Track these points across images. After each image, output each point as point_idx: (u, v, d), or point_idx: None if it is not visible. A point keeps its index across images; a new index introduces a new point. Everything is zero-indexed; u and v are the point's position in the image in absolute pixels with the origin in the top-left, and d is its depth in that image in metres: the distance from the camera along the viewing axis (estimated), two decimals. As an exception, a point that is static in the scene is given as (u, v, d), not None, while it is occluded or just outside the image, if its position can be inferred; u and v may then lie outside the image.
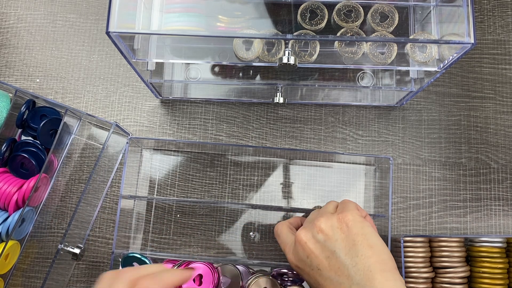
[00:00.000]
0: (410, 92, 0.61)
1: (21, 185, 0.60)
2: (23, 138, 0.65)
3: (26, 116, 0.62)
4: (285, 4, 0.55)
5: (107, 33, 0.47)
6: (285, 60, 0.51)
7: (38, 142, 0.62)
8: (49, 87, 0.69)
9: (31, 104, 0.63)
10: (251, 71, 0.67)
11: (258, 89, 0.68)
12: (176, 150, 0.67)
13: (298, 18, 0.54)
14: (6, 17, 0.71)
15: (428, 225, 0.65)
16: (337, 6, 0.54)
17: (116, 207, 0.66)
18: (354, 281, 0.46)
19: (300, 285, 0.59)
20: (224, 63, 0.56)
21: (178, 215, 0.66)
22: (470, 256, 0.60)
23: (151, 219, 0.65)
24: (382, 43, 0.55)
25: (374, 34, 0.54)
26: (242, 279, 0.59)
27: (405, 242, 0.59)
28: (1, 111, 0.62)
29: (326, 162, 0.67)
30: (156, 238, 0.65)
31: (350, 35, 0.54)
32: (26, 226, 0.60)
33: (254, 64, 0.55)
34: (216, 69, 0.67)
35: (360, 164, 0.66)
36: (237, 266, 0.60)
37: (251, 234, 0.65)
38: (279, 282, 0.59)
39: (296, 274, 0.59)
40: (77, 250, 0.60)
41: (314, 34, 0.54)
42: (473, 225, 0.66)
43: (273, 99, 0.64)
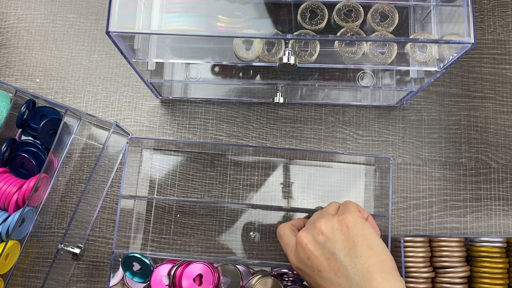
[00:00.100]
0: (410, 92, 0.61)
1: (21, 185, 0.60)
2: (23, 138, 0.64)
3: (26, 116, 0.62)
4: (285, 4, 0.55)
5: (107, 33, 0.47)
6: (285, 60, 0.51)
7: (38, 142, 0.62)
8: (49, 87, 0.69)
9: (31, 104, 0.63)
10: (251, 71, 0.67)
11: (258, 89, 0.68)
12: (176, 150, 0.67)
13: (298, 18, 0.54)
14: (6, 17, 0.71)
15: (428, 225, 0.65)
16: (337, 6, 0.54)
17: (116, 207, 0.66)
18: (353, 282, 0.46)
19: (300, 285, 0.59)
20: (224, 63, 0.56)
21: (178, 215, 0.66)
22: (470, 256, 0.60)
23: (151, 219, 0.65)
24: (382, 43, 0.55)
25: (374, 34, 0.54)
26: (242, 279, 0.59)
27: (405, 242, 0.59)
28: (1, 111, 0.62)
29: (326, 162, 0.67)
30: (156, 238, 0.65)
31: (350, 35, 0.54)
32: (26, 226, 0.60)
33: (254, 64, 0.55)
34: (216, 69, 0.67)
35: (360, 164, 0.66)
36: (237, 266, 0.60)
37: (251, 234, 0.65)
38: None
39: (296, 274, 0.59)
40: (77, 250, 0.60)
41: (314, 34, 0.54)
42: (473, 225, 0.66)
43: (273, 99, 0.64)
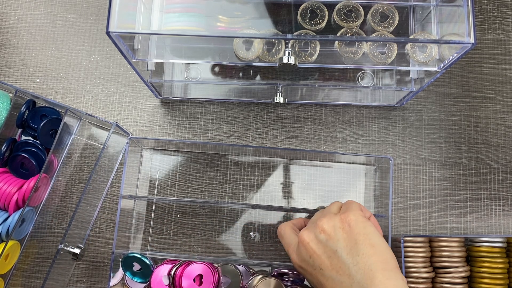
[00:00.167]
0: (410, 92, 0.61)
1: (21, 185, 0.60)
2: (23, 138, 0.64)
3: (26, 116, 0.62)
4: (285, 4, 0.55)
5: (107, 33, 0.47)
6: (285, 60, 0.51)
7: (38, 142, 0.62)
8: (49, 87, 0.69)
9: (31, 104, 0.63)
10: (251, 71, 0.67)
11: (258, 89, 0.68)
12: (176, 150, 0.67)
13: (298, 18, 0.54)
14: (6, 17, 0.71)
15: (428, 225, 0.65)
16: (337, 6, 0.54)
17: (116, 207, 0.66)
18: (355, 280, 0.46)
19: (300, 285, 0.59)
20: (224, 63, 0.56)
21: (178, 215, 0.66)
22: (470, 256, 0.60)
23: (151, 219, 0.65)
24: (382, 43, 0.55)
25: (374, 34, 0.54)
26: (242, 279, 0.59)
27: (405, 242, 0.59)
28: (1, 111, 0.62)
29: (326, 162, 0.67)
30: (156, 238, 0.65)
31: (350, 35, 0.54)
32: (26, 226, 0.60)
33: (254, 64, 0.55)
34: (216, 69, 0.67)
35: (360, 164, 0.66)
36: (237, 266, 0.60)
37: (251, 234, 0.65)
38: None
39: (296, 274, 0.59)
40: (77, 250, 0.60)
41: (314, 34, 0.54)
42: (473, 225, 0.66)
43: (273, 99, 0.64)
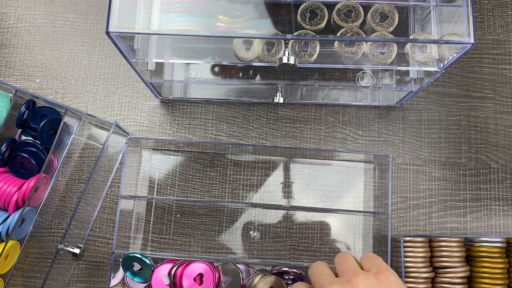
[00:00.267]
0: (410, 92, 0.61)
1: (21, 185, 0.60)
2: (23, 138, 0.64)
3: (26, 116, 0.62)
4: (285, 4, 0.55)
5: (107, 33, 0.47)
6: (285, 60, 0.51)
7: (38, 142, 0.62)
8: (49, 87, 0.69)
9: (31, 104, 0.63)
10: (251, 71, 0.67)
11: (258, 89, 0.68)
12: (176, 150, 0.67)
13: (298, 18, 0.54)
14: (6, 17, 0.71)
15: (428, 225, 0.65)
16: (337, 6, 0.54)
17: (116, 207, 0.66)
18: None
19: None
20: (224, 63, 0.56)
21: (178, 215, 0.66)
22: (470, 256, 0.60)
23: (151, 219, 0.65)
24: (382, 43, 0.55)
25: (374, 34, 0.54)
26: (242, 278, 0.59)
27: (405, 242, 0.59)
28: (1, 111, 0.62)
29: (326, 160, 0.67)
30: (156, 238, 0.65)
31: (350, 35, 0.54)
32: (26, 226, 0.60)
33: (254, 64, 0.55)
34: (216, 69, 0.67)
35: (360, 161, 0.66)
36: (237, 265, 0.60)
37: (251, 233, 0.65)
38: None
39: (296, 272, 0.59)
40: (77, 250, 0.60)
41: (314, 34, 0.54)
42: (473, 225, 0.66)
43: (273, 99, 0.64)
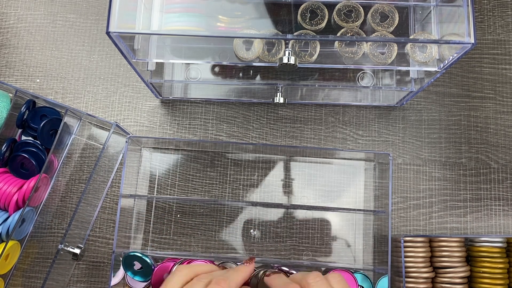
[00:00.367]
0: (410, 92, 0.61)
1: (21, 185, 0.60)
2: (23, 138, 0.64)
3: (26, 116, 0.62)
4: (285, 4, 0.55)
5: (107, 33, 0.47)
6: (285, 60, 0.51)
7: (38, 142, 0.62)
8: (49, 87, 0.69)
9: (31, 104, 0.63)
10: (251, 71, 0.67)
11: (258, 89, 0.68)
12: (176, 149, 0.67)
13: (298, 18, 0.54)
14: (6, 17, 0.71)
15: (428, 225, 0.65)
16: (337, 6, 0.54)
17: (116, 207, 0.66)
18: None
19: None
20: (224, 63, 0.56)
21: (178, 215, 0.66)
22: (470, 256, 0.60)
23: (151, 219, 0.65)
24: (382, 43, 0.55)
25: (374, 34, 0.54)
26: (242, 278, 0.59)
27: (405, 242, 0.59)
28: (1, 111, 0.62)
29: (326, 158, 0.67)
30: (156, 238, 0.65)
31: (350, 35, 0.54)
32: (26, 226, 0.60)
33: (254, 64, 0.55)
34: (216, 69, 0.67)
35: (360, 160, 0.66)
36: (238, 263, 0.60)
37: (251, 231, 0.65)
38: None
39: (296, 271, 0.59)
40: (77, 250, 0.60)
41: (314, 34, 0.54)
42: (473, 225, 0.66)
43: (273, 99, 0.64)
